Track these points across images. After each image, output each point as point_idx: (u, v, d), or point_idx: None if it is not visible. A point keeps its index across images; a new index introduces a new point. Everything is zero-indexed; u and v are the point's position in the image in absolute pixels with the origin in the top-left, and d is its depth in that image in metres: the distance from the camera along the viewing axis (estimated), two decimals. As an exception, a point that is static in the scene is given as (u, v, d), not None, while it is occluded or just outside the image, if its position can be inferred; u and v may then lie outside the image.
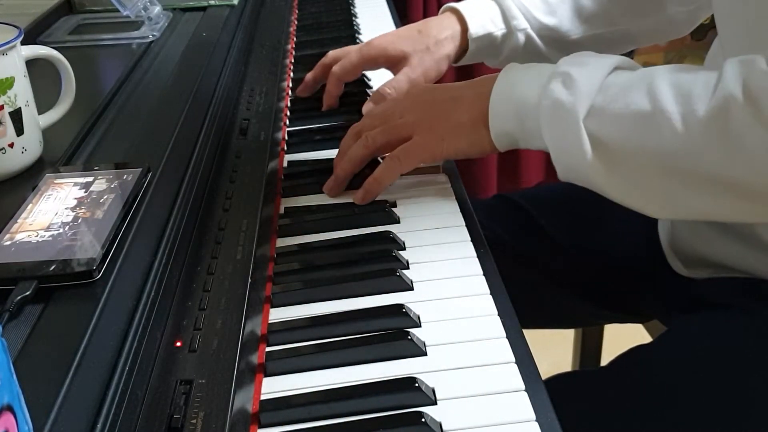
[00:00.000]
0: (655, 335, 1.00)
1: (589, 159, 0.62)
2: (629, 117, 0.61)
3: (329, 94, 0.92)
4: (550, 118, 0.65)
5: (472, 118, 0.71)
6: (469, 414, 0.50)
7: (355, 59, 0.90)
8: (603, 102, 0.63)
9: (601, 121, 0.62)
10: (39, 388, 0.41)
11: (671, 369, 0.71)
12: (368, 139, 0.74)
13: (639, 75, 0.63)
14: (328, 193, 0.76)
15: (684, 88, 0.59)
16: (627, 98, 0.61)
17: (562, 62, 0.67)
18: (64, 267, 0.51)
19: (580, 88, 0.63)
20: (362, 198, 0.73)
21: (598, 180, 0.64)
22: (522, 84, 0.69)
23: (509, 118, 0.69)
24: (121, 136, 0.73)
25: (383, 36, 0.91)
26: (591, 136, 0.62)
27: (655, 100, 0.59)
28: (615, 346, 0.91)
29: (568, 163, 0.65)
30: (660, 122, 0.59)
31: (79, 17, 1.06)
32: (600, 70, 0.64)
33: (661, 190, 0.61)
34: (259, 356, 0.56)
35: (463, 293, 0.61)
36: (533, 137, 0.68)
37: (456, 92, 0.74)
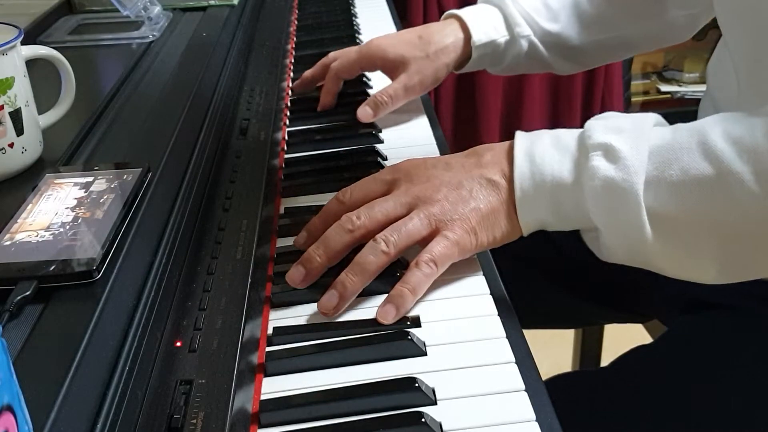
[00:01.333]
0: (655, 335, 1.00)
1: (650, 238, 0.57)
2: (690, 184, 0.55)
3: (327, 90, 0.92)
4: (602, 199, 0.57)
5: (501, 204, 0.62)
6: (469, 414, 0.50)
7: (353, 57, 0.90)
8: (656, 171, 0.56)
9: (657, 193, 0.56)
10: (39, 388, 0.41)
11: (671, 369, 0.71)
12: (388, 245, 0.60)
13: (686, 134, 0.57)
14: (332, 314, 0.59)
15: (746, 143, 0.54)
16: (682, 163, 0.56)
17: (592, 131, 0.59)
18: (64, 267, 0.51)
19: (630, 160, 0.56)
20: (395, 316, 0.58)
21: (657, 258, 0.59)
22: (549, 161, 0.60)
23: (543, 206, 0.61)
24: (121, 136, 0.73)
25: (384, 37, 0.91)
26: (649, 212, 0.56)
27: (717, 162, 0.54)
28: (615, 346, 0.91)
29: (625, 245, 0.59)
30: (729, 185, 0.54)
31: (79, 17, 1.06)
32: (642, 134, 0.58)
33: (732, 256, 0.57)
34: (259, 356, 0.56)
35: (463, 293, 0.61)
36: (570, 220, 0.61)
37: (469, 172, 0.63)
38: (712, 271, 0.58)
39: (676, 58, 2.31)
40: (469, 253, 0.62)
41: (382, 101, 0.86)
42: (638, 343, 0.76)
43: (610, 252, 0.61)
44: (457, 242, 0.60)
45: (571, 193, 0.59)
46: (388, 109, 0.87)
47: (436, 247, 0.60)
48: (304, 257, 0.61)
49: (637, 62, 2.28)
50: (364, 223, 0.61)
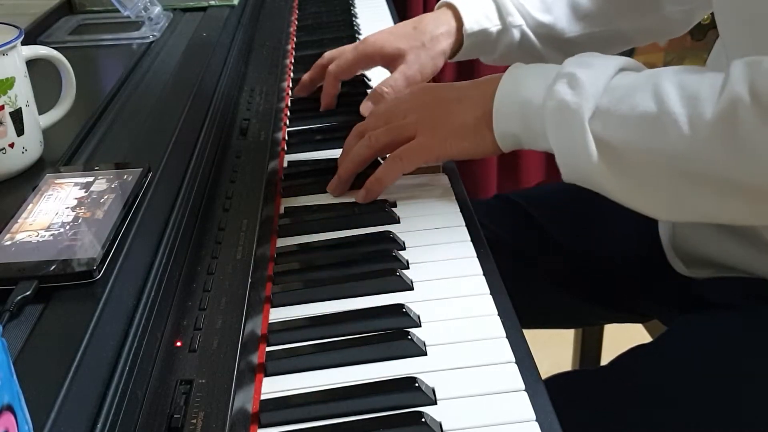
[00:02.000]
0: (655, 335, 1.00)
1: (595, 161, 0.62)
2: (635, 119, 0.60)
3: (326, 93, 0.92)
4: (555, 119, 0.64)
5: (475, 119, 0.70)
6: (469, 414, 0.50)
7: (350, 57, 0.90)
8: (608, 103, 0.62)
9: (607, 123, 0.62)
10: (39, 388, 0.41)
11: (671, 369, 0.71)
12: (371, 138, 0.74)
13: (644, 76, 0.63)
14: (332, 192, 0.75)
15: (690, 90, 0.59)
16: (633, 100, 0.61)
17: (567, 63, 0.66)
18: (65, 267, 0.51)
19: (586, 89, 0.63)
20: (364, 197, 0.73)
21: (604, 182, 0.63)
22: (527, 84, 0.68)
23: (514, 119, 0.68)
24: (122, 136, 0.73)
25: (379, 33, 0.91)
26: (596, 138, 0.62)
27: (662, 102, 0.59)
28: (615, 346, 0.91)
29: (573, 164, 0.64)
30: (666, 124, 0.58)
31: (79, 17, 1.06)
32: (605, 72, 0.64)
33: (667, 192, 0.61)
34: (259, 356, 0.56)
35: (463, 293, 0.61)
36: (537, 138, 0.67)
37: (459, 92, 0.73)
38: (660, 207, 0.63)
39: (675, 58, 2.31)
40: (438, 156, 0.73)
41: (383, 93, 0.86)
42: (638, 343, 0.76)
43: (565, 172, 0.66)
44: (424, 144, 0.72)
45: (536, 112, 0.66)
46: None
47: (405, 146, 0.72)
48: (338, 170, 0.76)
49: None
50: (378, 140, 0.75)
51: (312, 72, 0.95)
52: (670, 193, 0.61)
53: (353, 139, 0.76)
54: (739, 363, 0.69)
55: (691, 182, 0.59)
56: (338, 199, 0.75)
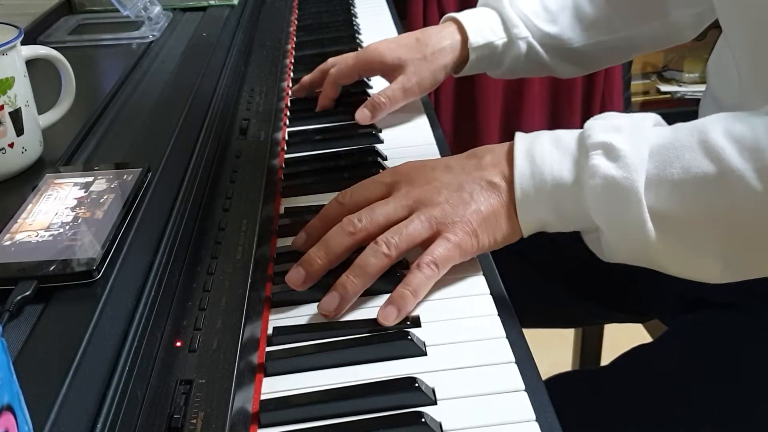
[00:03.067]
0: (655, 335, 1.00)
1: (652, 237, 0.57)
2: (691, 182, 0.55)
3: (325, 94, 0.92)
4: (603, 198, 0.57)
5: (501, 206, 0.62)
6: (469, 414, 0.50)
7: (351, 62, 0.91)
8: (656, 170, 0.56)
9: (659, 192, 0.56)
10: (39, 388, 0.41)
11: (671, 369, 0.71)
12: (389, 248, 0.60)
13: (686, 132, 0.57)
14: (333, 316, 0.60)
15: (747, 141, 0.54)
16: (682, 161, 0.56)
17: (592, 130, 0.59)
18: (64, 267, 0.51)
19: (630, 159, 0.56)
20: (396, 317, 0.58)
21: (659, 257, 0.58)
22: (549, 161, 0.60)
23: (543, 206, 0.61)
24: (121, 136, 0.73)
25: (381, 42, 0.91)
26: (651, 211, 0.56)
27: (719, 160, 0.54)
28: (615, 346, 0.91)
29: (627, 244, 0.59)
30: (731, 183, 0.54)
31: (79, 17, 1.06)
32: (642, 133, 0.58)
33: (736, 254, 0.57)
34: (259, 356, 0.56)
35: (463, 293, 0.61)
36: (570, 220, 0.61)
37: (469, 174, 0.63)
38: (716, 269, 0.58)
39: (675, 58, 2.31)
40: (470, 255, 0.62)
41: (379, 103, 0.86)
42: (638, 343, 0.76)
43: (612, 252, 0.60)
44: (458, 244, 0.60)
45: (571, 193, 0.59)
46: (386, 111, 0.87)
47: (437, 249, 0.60)
48: (304, 259, 0.61)
49: (637, 62, 2.28)
50: (365, 226, 0.61)
51: (313, 75, 0.95)
52: (737, 255, 0.57)
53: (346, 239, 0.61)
54: (739, 363, 0.69)
55: (759, 240, 0.56)
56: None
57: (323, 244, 0.61)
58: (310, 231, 0.65)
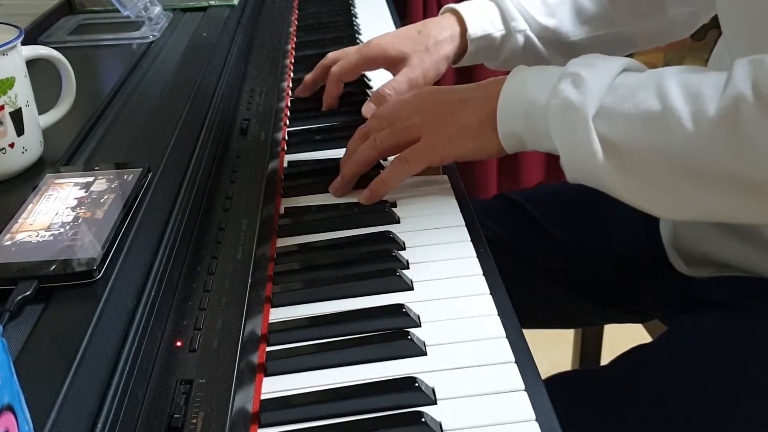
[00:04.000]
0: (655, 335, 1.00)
1: (599, 159, 0.62)
2: (638, 117, 0.60)
3: (328, 93, 0.92)
4: (559, 117, 0.64)
5: (479, 120, 0.70)
6: (469, 414, 0.50)
7: (354, 59, 0.90)
8: (612, 102, 0.62)
9: (611, 121, 0.62)
10: (39, 388, 0.41)
11: (671, 369, 0.71)
12: (376, 140, 0.73)
13: (648, 75, 0.63)
14: (333, 193, 0.75)
15: (693, 88, 0.59)
16: (636, 98, 0.61)
17: (571, 63, 0.66)
18: (65, 267, 0.51)
19: (590, 87, 0.63)
20: (368, 198, 0.73)
21: (608, 180, 0.63)
22: (531, 85, 0.68)
23: (518, 118, 0.68)
24: (122, 136, 0.73)
25: (383, 36, 0.91)
26: (600, 136, 0.62)
27: (665, 100, 0.59)
28: (615, 346, 0.91)
29: (578, 163, 0.64)
30: (669, 122, 0.59)
31: (79, 17, 1.06)
32: (609, 71, 0.64)
33: (671, 190, 0.61)
34: (259, 356, 0.56)
35: (463, 293, 0.61)
36: (541, 138, 0.67)
37: (464, 94, 0.73)
38: (664, 205, 0.63)
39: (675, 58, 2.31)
40: (443, 158, 0.73)
41: (385, 95, 0.86)
42: (638, 343, 0.76)
43: (569, 171, 0.66)
44: (429, 146, 0.72)
45: (540, 111, 0.66)
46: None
47: (410, 149, 0.72)
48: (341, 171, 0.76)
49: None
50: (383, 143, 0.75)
51: (314, 72, 0.95)
52: (674, 191, 0.61)
53: (357, 141, 0.76)
54: (739, 363, 0.69)
55: (694, 180, 0.59)
56: (338, 200, 0.75)
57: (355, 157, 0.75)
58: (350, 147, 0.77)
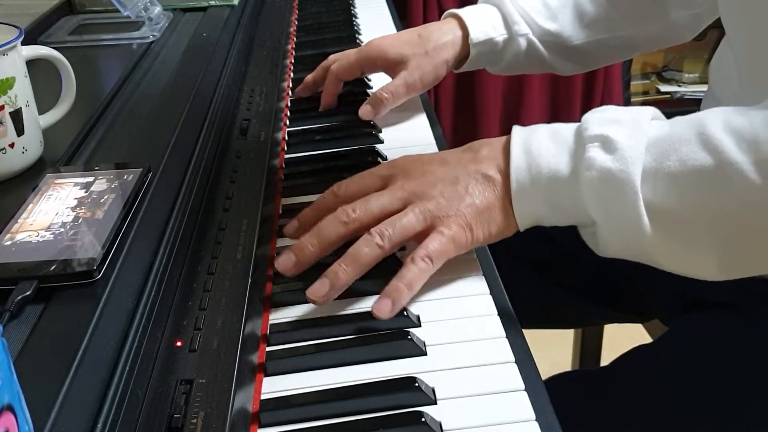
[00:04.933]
0: (655, 335, 1.00)
1: (648, 231, 0.56)
2: (689, 176, 0.54)
3: (327, 91, 0.92)
4: (599, 191, 0.57)
5: (497, 200, 0.61)
6: (469, 414, 0.50)
7: (353, 58, 0.91)
8: (654, 162, 0.56)
9: (656, 185, 0.55)
10: (39, 388, 0.41)
11: (672, 369, 0.71)
12: (383, 239, 0.59)
13: (684, 126, 0.57)
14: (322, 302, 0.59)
15: (746, 134, 0.53)
16: (680, 154, 0.55)
17: (589, 123, 0.59)
18: (65, 267, 0.51)
19: (627, 151, 0.56)
20: (391, 311, 0.57)
21: (655, 252, 0.57)
22: (546, 154, 0.60)
23: (539, 199, 0.60)
24: (122, 136, 0.73)
25: (383, 38, 0.92)
26: (646, 204, 0.56)
27: (717, 152, 0.54)
28: (615, 346, 0.91)
29: (623, 238, 0.58)
30: (729, 176, 0.53)
31: (79, 17, 1.06)
32: (639, 126, 0.57)
33: (735, 249, 0.56)
34: (260, 356, 0.56)
35: (463, 293, 0.61)
36: (566, 214, 0.60)
37: (465, 167, 0.63)
38: (713, 266, 0.57)
39: (675, 58, 2.31)
40: (465, 248, 0.62)
41: (382, 98, 0.86)
42: (638, 343, 0.76)
43: (607, 246, 0.60)
44: (452, 238, 0.60)
45: (567, 186, 0.59)
46: (389, 107, 0.87)
47: (431, 243, 0.59)
48: (296, 245, 0.61)
49: (637, 62, 2.28)
50: (359, 216, 0.61)
51: (315, 73, 0.95)
52: (736, 251, 0.56)
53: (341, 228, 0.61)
54: (739, 363, 0.69)
55: (756, 236, 0.55)
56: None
57: (316, 231, 0.61)
58: (302, 219, 0.65)
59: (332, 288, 0.58)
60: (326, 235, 0.61)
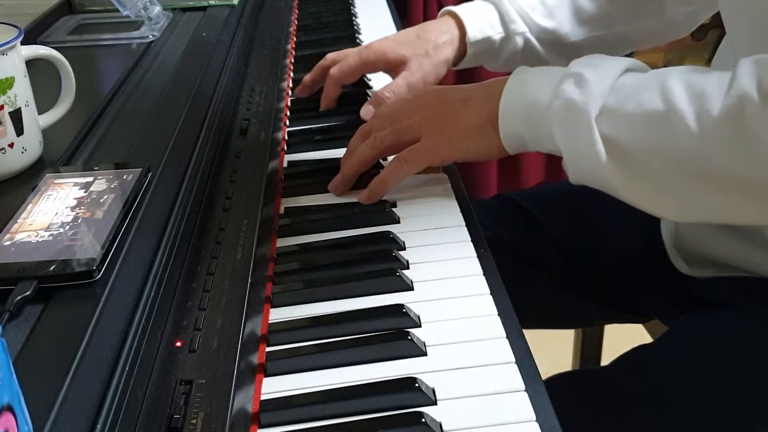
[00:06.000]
0: (655, 335, 1.00)
1: (603, 160, 0.62)
2: (642, 117, 0.60)
3: (326, 95, 0.92)
4: (562, 118, 0.64)
5: (480, 120, 0.70)
6: (469, 414, 0.50)
7: (353, 63, 0.90)
8: (615, 102, 0.62)
9: (614, 122, 0.61)
10: (39, 388, 0.41)
11: (672, 369, 0.71)
12: (376, 140, 0.74)
13: (651, 75, 0.63)
14: (333, 191, 0.76)
15: (697, 88, 0.58)
16: (639, 98, 0.61)
17: (573, 64, 0.66)
18: (64, 267, 0.51)
19: (592, 88, 0.62)
20: (367, 198, 0.73)
21: (612, 181, 0.63)
22: (533, 85, 0.68)
23: (520, 119, 0.68)
24: (121, 136, 0.73)
25: (382, 40, 0.92)
26: (603, 137, 0.61)
27: (668, 100, 0.59)
28: (615, 346, 0.91)
29: (582, 164, 0.64)
30: (673, 122, 0.58)
31: (79, 17, 1.06)
32: (612, 71, 0.64)
33: (674, 191, 0.61)
34: (259, 356, 0.56)
35: (463, 293, 0.61)
36: (543, 139, 0.67)
37: (465, 94, 0.73)
38: (671, 207, 0.63)
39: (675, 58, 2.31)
40: (444, 159, 0.73)
41: (384, 98, 0.86)
42: (638, 343, 0.76)
43: (573, 172, 0.65)
44: (429, 146, 0.72)
45: (542, 112, 0.65)
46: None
47: (410, 148, 0.72)
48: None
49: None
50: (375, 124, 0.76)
51: (313, 73, 0.95)
52: (678, 192, 0.61)
53: (358, 140, 0.76)
54: (739, 363, 0.69)
55: (698, 180, 0.59)
56: (338, 199, 0.75)
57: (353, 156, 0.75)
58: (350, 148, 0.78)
59: (342, 178, 0.75)
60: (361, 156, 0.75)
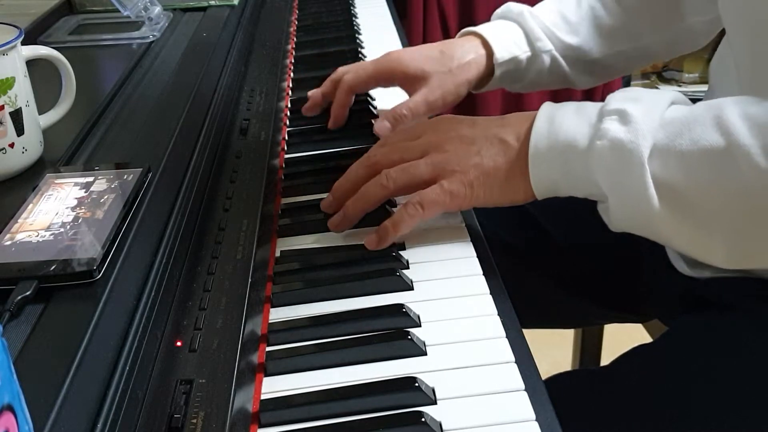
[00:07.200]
0: (655, 335, 1.00)
1: (656, 205, 0.57)
2: (699, 155, 0.56)
3: (338, 103, 0.87)
4: (608, 160, 0.58)
5: (506, 164, 0.64)
6: (469, 414, 0.50)
7: (370, 69, 0.86)
8: (666, 140, 0.57)
9: (666, 162, 0.57)
10: (39, 388, 0.41)
11: (672, 369, 0.71)
12: (388, 180, 0.66)
13: (702, 108, 0.58)
14: (334, 230, 0.69)
15: (760, 120, 0.54)
16: (693, 134, 0.56)
17: (611, 99, 0.61)
18: (65, 267, 0.51)
19: (640, 125, 0.57)
20: (376, 244, 0.65)
21: (662, 228, 0.58)
22: (567, 123, 0.62)
23: (554, 162, 0.62)
24: (122, 136, 0.73)
25: (402, 50, 0.88)
26: (655, 179, 0.57)
27: (728, 134, 0.55)
28: (615, 346, 0.91)
29: (630, 211, 0.59)
30: (737, 158, 0.54)
31: (79, 17, 1.06)
32: (658, 105, 0.59)
33: (732, 234, 0.57)
34: (259, 356, 0.56)
35: (463, 293, 0.61)
36: (580, 183, 0.62)
37: (485, 131, 0.66)
38: (721, 251, 0.58)
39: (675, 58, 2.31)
40: (463, 204, 0.66)
41: (401, 115, 0.82)
42: (638, 343, 0.76)
43: (617, 219, 0.61)
44: (449, 191, 0.64)
45: (581, 154, 0.60)
46: (407, 124, 0.83)
47: (427, 193, 0.64)
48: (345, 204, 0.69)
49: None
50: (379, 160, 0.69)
51: (324, 87, 0.89)
52: (736, 235, 0.57)
53: (360, 170, 0.69)
54: (740, 363, 0.69)
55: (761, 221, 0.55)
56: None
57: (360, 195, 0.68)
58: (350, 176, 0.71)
59: (344, 218, 0.67)
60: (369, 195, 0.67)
